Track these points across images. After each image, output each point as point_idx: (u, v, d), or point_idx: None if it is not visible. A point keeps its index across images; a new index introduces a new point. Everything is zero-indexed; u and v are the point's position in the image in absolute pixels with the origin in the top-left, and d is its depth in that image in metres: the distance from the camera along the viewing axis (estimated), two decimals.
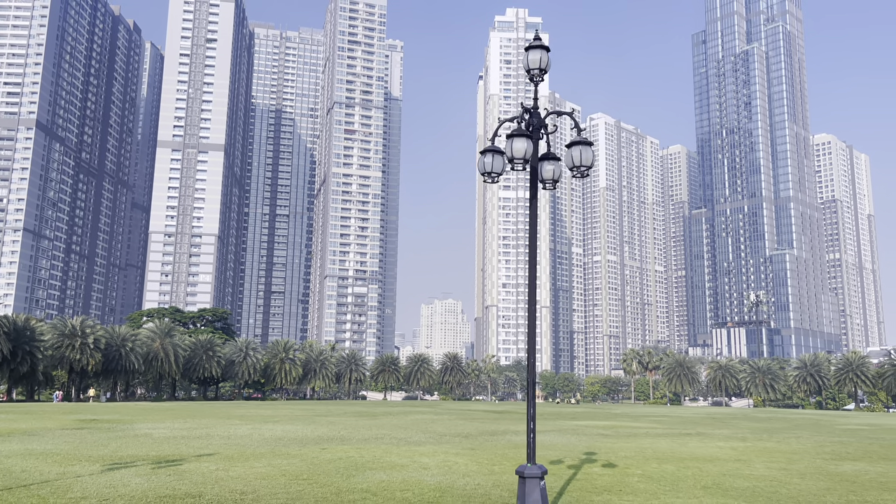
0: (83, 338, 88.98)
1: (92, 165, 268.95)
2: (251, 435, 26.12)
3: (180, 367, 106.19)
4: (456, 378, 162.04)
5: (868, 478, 16.65)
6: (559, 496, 13.00)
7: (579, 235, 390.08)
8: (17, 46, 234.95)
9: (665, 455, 20.63)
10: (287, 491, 13.20)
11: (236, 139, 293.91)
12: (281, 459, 18.14)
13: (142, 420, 34.95)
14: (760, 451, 22.29)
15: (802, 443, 26.48)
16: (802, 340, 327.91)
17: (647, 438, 26.81)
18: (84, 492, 12.98)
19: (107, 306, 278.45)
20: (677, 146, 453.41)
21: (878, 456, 21.88)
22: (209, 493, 12.92)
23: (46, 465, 16.59)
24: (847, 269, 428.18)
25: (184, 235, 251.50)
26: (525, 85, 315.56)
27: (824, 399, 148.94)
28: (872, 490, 14.67)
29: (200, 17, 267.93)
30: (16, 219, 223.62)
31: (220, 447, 21.27)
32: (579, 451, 21.79)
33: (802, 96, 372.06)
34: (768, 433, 31.65)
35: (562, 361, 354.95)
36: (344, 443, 23.19)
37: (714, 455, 21.00)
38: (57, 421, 33.45)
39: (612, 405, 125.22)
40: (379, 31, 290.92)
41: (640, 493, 13.52)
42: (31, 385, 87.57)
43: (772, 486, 14.91)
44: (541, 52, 10.21)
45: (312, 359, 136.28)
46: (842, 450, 23.55)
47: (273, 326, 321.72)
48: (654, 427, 35.21)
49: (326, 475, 15.23)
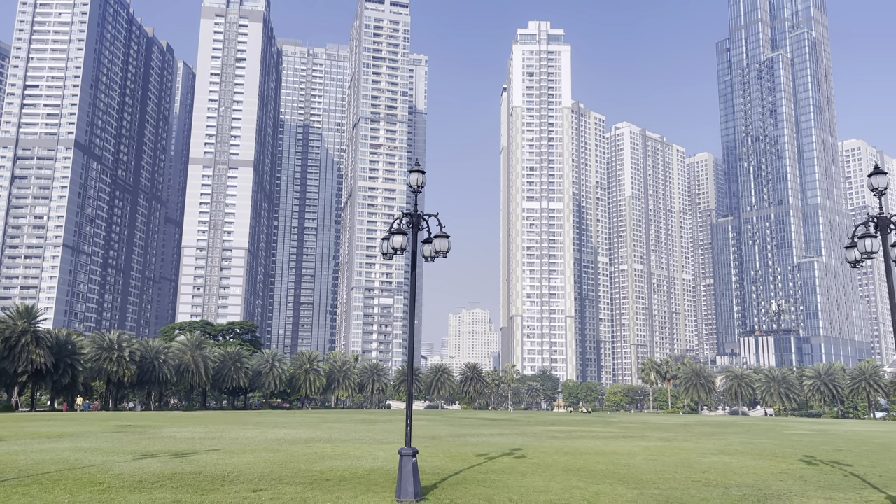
0: (119, 351, 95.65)
1: (127, 182, 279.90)
2: (256, 437, 31.49)
3: (210, 378, 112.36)
4: (476, 388, 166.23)
5: (709, 462, 21.28)
6: (456, 474, 18.03)
7: (605, 244, 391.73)
8: (56, 69, 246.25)
9: (577, 451, 25.43)
10: (262, 471, 18.46)
11: (265, 154, 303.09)
12: (269, 453, 23.41)
13: (169, 426, 40.61)
14: (664, 449, 26.98)
15: (714, 441, 31.14)
16: (832, 349, 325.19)
17: (585, 440, 31.56)
18: (121, 471, 18.40)
19: (142, 318, 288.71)
20: (704, 154, 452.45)
21: (755, 452, 26.31)
22: (207, 472, 18.26)
23: (92, 456, 22.07)
24: (879, 275, 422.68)
25: (215, 249, 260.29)
26: (548, 97, 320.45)
27: (845, 408, 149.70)
28: (695, 470, 19.29)
29: (230, 37, 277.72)
30: (56, 235, 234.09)
31: (226, 445, 26.65)
32: (511, 447, 26.72)
33: (829, 103, 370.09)
34: (705, 436, 36.15)
35: (589, 371, 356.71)
36: (328, 443, 28.43)
37: (620, 451, 25.75)
38: (98, 426, 39.22)
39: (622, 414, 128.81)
40: (403, 46, 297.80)
41: (517, 473, 18.45)
42: (72, 395, 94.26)
43: (624, 469, 19.63)
44: (418, 175, 15.24)
45: (336, 369, 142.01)
46: (734, 448, 28.05)
47: (302, 337, 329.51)
48: (611, 432, 39.84)
49: (296, 462, 20.45)
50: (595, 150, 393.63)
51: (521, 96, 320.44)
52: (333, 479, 17.13)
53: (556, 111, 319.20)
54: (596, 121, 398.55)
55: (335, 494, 15.02)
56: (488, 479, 17.47)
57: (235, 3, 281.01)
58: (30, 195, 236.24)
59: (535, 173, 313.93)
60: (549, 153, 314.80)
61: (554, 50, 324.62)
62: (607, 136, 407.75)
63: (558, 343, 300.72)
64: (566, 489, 15.93)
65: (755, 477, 18.71)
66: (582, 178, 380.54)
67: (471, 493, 15.28)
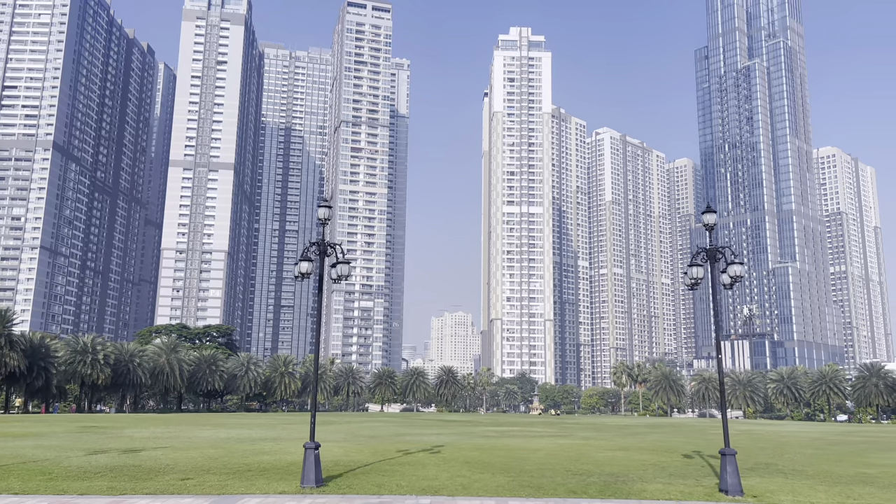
0: (94, 354, 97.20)
1: (106, 184, 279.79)
2: (209, 436, 33.93)
3: (185, 381, 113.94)
4: (451, 391, 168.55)
5: (600, 456, 24.05)
6: (366, 466, 20.73)
7: (585, 248, 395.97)
8: (34, 70, 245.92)
9: (493, 447, 28.27)
10: (197, 464, 21.03)
11: (246, 157, 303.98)
12: (212, 450, 25.91)
13: (132, 427, 42.92)
14: (573, 446, 30.16)
15: (630, 440, 34.26)
16: (806, 353, 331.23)
17: (513, 439, 34.42)
18: (70, 464, 20.91)
19: (121, 321, 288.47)
20: (684, 159, 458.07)
21: (652, 449, 29.26)
22: (146, 465, 20.82)
23: (49, 452, 24.53)
24: (853, 281, 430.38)
25: (195, 252, 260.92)
26: (528, 103, 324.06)
27: (812, 411, 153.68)
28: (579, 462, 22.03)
29: (211, 40, 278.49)
30: (33, 237, 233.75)
31: (176, 443, 29.11)
32: (435, 444, 29.60)
33: (804, 110, 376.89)
34: (629, 435, 39.35)
35: (568, 374, 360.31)
36: (272, 441, 30.99)
37: (531, 447, 28.71)
38: (63, 427, 41.46)
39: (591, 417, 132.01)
40: (385, 51, 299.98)
41: (419, 465, 21.21)
42: (46, 398, 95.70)
43: (516, 462, 22.32)
44: (325, 210, 17.84)
45: (311, 373, 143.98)
46: (638, 445, 31.12)
47: (283, 340, 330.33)
48: (547, 432, 42.88)
49: (231, 457, 23.00)
50: (576, 154, 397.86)
51: (501, 101, 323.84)
52: (255, 470, 19.73)
53: (536, 116, 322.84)
54: (577, 126, 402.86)
55: (251, 482, 17.60)
56: (391, 469, 20.10)
57: (217, 6, 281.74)
58: (7, 196, 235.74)
59: (515, 178, 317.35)
60: (529, 158, 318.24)
61: (535, 56, 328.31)
62: (588, 142, 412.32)
63: (537, 346, 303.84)
64: (452, 477, 18.62)
65: (623, 467, 21.50)
66: (563, 183, 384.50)
67: (367, 481, 17.93)
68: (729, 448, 16.80)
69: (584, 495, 16.09)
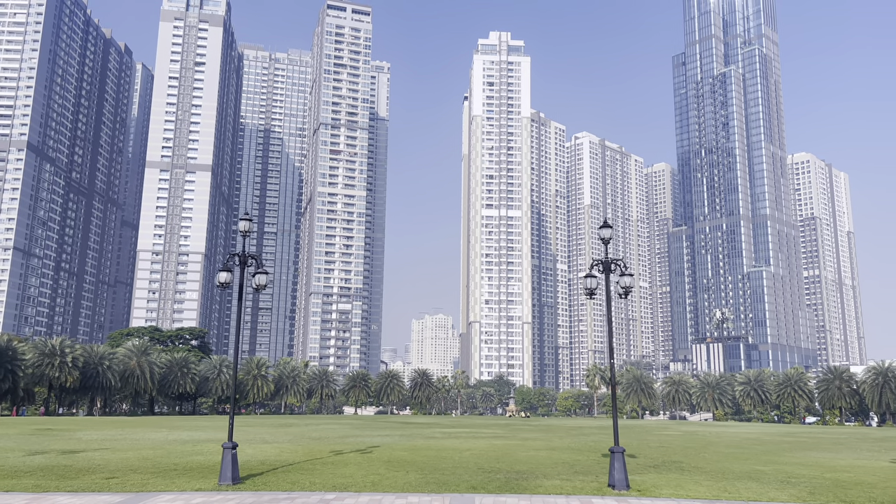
0: (62, 356, 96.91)
1: (82, 185, 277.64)
2: (156, 438, 34.69)
3: (156, 383, 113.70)
4: (425, 393, 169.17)
5: (521, 455, 25.21)
6: (290, 465, 21.74)
7: (564, 252, 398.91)
8: (9, 70, 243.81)
9: (426, 448, 29.40)
10: (127, 464, 21.90)
11: (224, 159, 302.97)
12: (150, 451, 26.78)
13: (87, 429, 43.44)
14: (502, 446, 31.47)
15: (566, 440, 35.70)
16: (780, 356, 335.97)
17: (453, 440, 35.61)
18: (5, 464, 21.75)
19: (95, 323, 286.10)
20: (662, 164, 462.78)
21: (577, 448, 30.63)
22: (78, 465, 21.63)
23: None
24: (826, 285, 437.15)
25: (171, 254, 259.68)
26: (508, 107, 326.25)
27: (781, 413, 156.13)
28: (497, 461, 23.17)
29: (189, 41, 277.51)
30: (6, 238, 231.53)
31: (119, 445, 29.88)
32: (372, 445, 30.78)
33: (779, 117, 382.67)
34: (568, 436, 40.67)
35: (547, 376, 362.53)
36: (216, 443, 31.80)
37: (462, 447, 29.94)
38: (18, 429, 41.93)
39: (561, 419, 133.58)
40: (364, 54, 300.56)
41: (341, 464, 22.34)
42: (14, 401, 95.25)
43: (438, 461, 23.43)
44: (246, 223, 18.82)
45: (285, 375, 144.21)
46: (568, 446, 32.39)
47: (261, 343, 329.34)
48: (491, 433, 44.20)
49: (165, 458, 23.88)
50: (555, 158, 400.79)
51: (481, 105, 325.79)
52: (180, 470, 20.66)
53: (515, 120, 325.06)
54: (556, 130, 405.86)
55: (172, 480, 18.55)
56: (313, 468, 21.13)
57: (195, 7, 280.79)
58: None
59: (494, 181, 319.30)
60: (508, 162, 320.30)
61: (514, 60, 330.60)
62: (567, 146, 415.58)
63: (515, 349, 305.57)
64: (366, 475, 19.71)
65: (535, 465, 22.71)
66: (542, 187, 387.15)
67: (284, 479, 18.95)
68: (618, 447, 17.99)
69: (482, 490, 17.21)
